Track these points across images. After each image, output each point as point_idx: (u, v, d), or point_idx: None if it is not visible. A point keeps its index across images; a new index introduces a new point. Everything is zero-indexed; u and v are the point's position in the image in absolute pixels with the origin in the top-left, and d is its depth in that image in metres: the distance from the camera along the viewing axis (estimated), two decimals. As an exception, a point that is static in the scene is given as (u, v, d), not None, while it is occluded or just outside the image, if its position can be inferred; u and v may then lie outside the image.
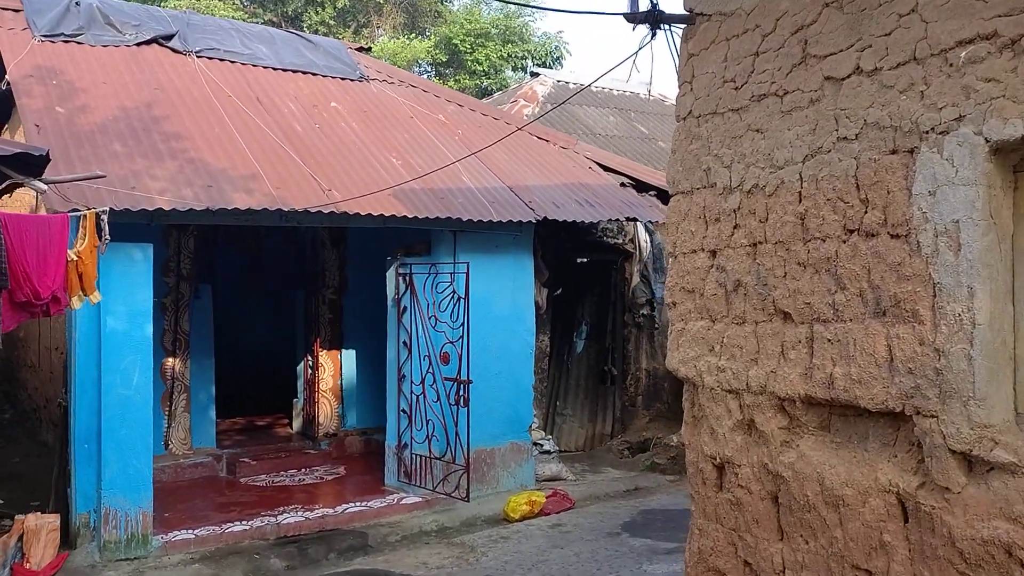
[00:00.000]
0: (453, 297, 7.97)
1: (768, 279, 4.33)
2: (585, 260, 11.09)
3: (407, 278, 8.44)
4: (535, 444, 9.24)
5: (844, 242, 3.95)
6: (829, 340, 3.99)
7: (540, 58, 24.94)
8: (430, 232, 8.51)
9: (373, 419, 10.52)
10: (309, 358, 10.48)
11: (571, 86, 19.08)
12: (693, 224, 4.89)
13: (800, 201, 4.17)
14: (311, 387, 10.41)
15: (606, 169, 10.45)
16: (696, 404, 4.89)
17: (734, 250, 4.57)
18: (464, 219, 8.07)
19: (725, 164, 4.65)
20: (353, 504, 8.13)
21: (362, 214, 7.52)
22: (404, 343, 8.51)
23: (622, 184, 10.12)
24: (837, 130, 4.00)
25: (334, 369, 10.41)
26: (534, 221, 8.55)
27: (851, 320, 3.90)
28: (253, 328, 12.86)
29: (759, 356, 4.38)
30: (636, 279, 10.83)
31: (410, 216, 7.81)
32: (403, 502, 8.25)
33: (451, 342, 7.98)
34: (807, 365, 4.11)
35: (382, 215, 7.64)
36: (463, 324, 7.82)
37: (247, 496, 8.58)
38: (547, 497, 8.44)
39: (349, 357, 10.52)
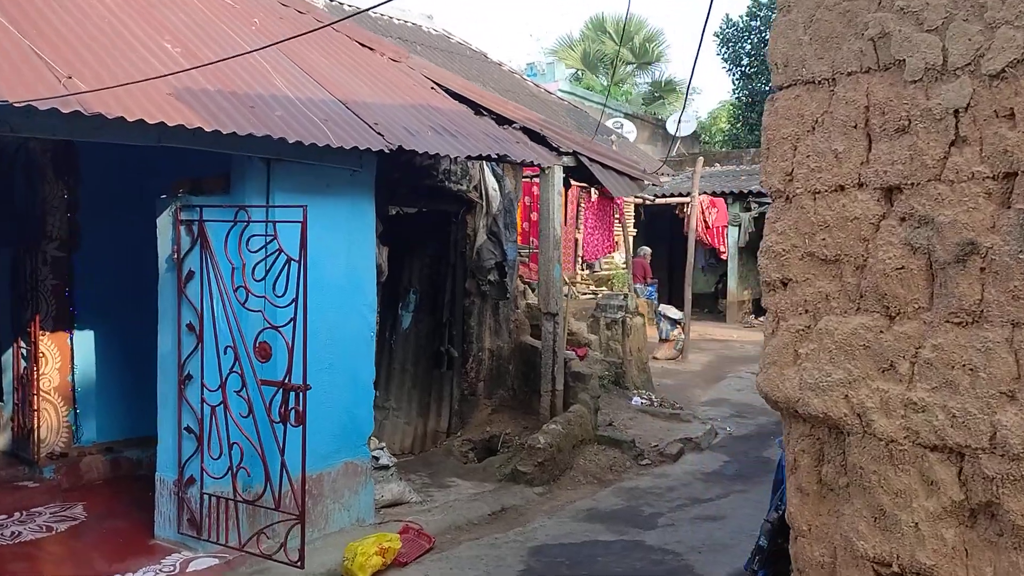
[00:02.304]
0: (276, 258, 5.23)
1: (1054, 242, 2.29)
2: (417, 210, 8.64)
3: (194, 227, 5.52)
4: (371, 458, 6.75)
5: None
6: None
7: (303, -22, 21.69)
8: (230, 159, 5.63)
9: (122, 428, 7.39)
10: (23, 344, 7.08)
11: (346, 8, 17.15)
12: (836, 138, 2.72)
13: None
14: (26, 386, 7.03)
15: (450, 94, 8.02)
16: (833, 461, 2.77)
17: (951, 186, 2.47)
18: (291, 140, 5.30)
19: (927, 27, 2.52)
20: (108, 581, 5.20)
21: (129, 119, 4.54)
22: (189, 326, 5.61)
23: (478, 112, 7.76)
24: None
25: (62, 359, 7.11)
26: (386, 151, 5.96)
27: None
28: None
29: (1022, 386, 2.34)
30: (482, 237, 8.53)
31: (208, 129, 4.93)
32: (190, 568, 5.43)
33: (273, 327, 5.25)
34: None
35: (162, 123, 4.70)
36: (295, 300, 5.11)
37: (-83, 575, 5.30)
38: (400, 534, 6.05)
39: (85, 341, 7.26)
